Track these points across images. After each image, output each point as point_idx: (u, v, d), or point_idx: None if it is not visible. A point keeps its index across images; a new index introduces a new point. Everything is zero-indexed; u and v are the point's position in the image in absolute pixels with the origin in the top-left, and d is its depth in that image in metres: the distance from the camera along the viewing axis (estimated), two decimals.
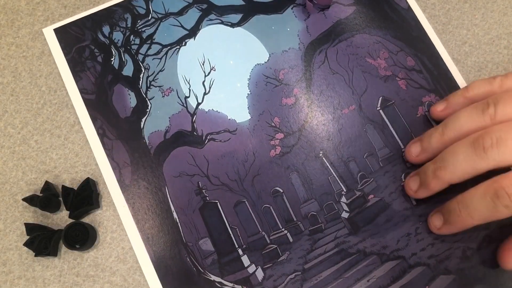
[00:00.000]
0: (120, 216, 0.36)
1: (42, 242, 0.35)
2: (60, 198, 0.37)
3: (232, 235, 0.36)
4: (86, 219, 0.37)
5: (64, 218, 0.37)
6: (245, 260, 0.36)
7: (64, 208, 0.37)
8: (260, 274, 0.36)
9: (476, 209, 0.31)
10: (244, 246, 0.36)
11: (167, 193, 0.37)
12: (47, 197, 0.35)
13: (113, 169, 0.37)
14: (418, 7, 0.42)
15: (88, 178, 0.36)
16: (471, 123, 0.33)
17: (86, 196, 0.36)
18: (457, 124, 0.34)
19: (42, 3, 0.41)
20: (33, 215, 0.36)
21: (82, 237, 0.35)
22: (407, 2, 0.42)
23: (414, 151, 0.37)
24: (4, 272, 0.35)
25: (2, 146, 0.38)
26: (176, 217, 0.36)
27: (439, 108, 0.38)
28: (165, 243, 0.36)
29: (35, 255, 0.35)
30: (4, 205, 0.37)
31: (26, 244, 0.35)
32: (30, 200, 0.36)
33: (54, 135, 0.38)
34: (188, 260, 0.36)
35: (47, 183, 0.36)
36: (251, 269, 0.36)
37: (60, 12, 0.41)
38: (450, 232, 0.35)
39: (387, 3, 0.42)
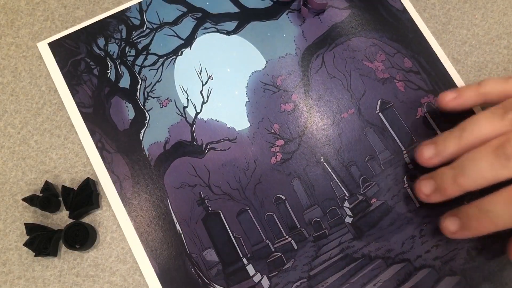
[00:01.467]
0: (122, 229, 0.36)
1: (42, 242, 0.35)
2: (60, 198, 0.37)
3: (236, 244, 0.36)
4: (86, 219, 0.36)
5: (64, 218, 0.37)
6: (250, 269, 0.36)
7: (64, 208, 0.37)
8: (265, 283, 0.35)
9: (499, 216, 0.30)
10: (248, 255, 0.36)
11: (169, 205, 0.37)
12: (47, 197, 0.35)
13: (114, 182, 0.37)
14: (414, 9, 0.42)
15: (88, 178, 0.36)
16: (490, 128, 0.32)
17: (86, 196, 0.36)
18: (475, 128, 0.33)
19: (42, 3, 0.41)
20: (33, 215, 0.36)
21: (82, 237, 0.35)
22: (402, 4, 0.42)
23: (426, 153, 0.35)
24: (4, 272, 0.35)
25: (2, 146, 0.38)
26: (179, 229, 0.36)
27: (449, 97, 0.37)
28: (169, 255, 0.36)
29: (35, 255, 0.35)
30: (4, 205, 0.37)
31: (26, 244, 0.35)
32: (30, 200, 0.36)
33: (54, 135, 0.38)
34: (193, 271, 0.35)
35: (47, 183, 0.36)
36: (257, 278, 0.36)
37: (60, 12, 0.41)
38: (467, 237, 0.34)
39: (382, 5, 0.42)
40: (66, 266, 0.36)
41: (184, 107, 0.39)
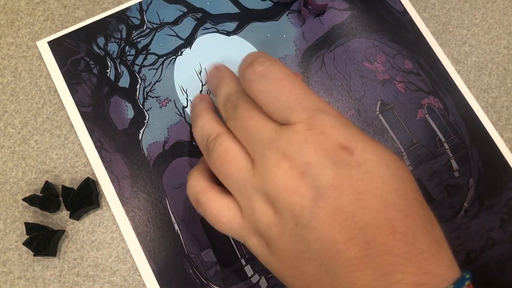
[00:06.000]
0: (120, 230, 0.36)
1: (41, 242, 0.35)
2: (60, 198, 0.37)
3: (234, 245, 0.36)
4: (86, 219, 0.37)
5: (64, 218, 0.37)
6: (248, 270, 0.36)
7: (64, 208, 0.36)
8: (263, 284, 0.35)
9: None
10: (247, 256, 0.36)
11: (168, 205, 0.37)
12: (47, 197, 0.35)
13: (112, 182, 0.37)
14: (414, 9, 0.42)
15: (88, 178, 0.36)
16: None
17: (86, 196, 0.36)
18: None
19: (42, 3, 0.41)
20: (33, 215, 0.36)
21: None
22: (402, 5, 0.42)
23: None
24: (4, 272, 0.35)
25: (2, 146, 0.38)
26: (178, 229, 0.36)
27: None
28: (167, 255, 0.35)
29: (34, 255, 0.35)
30: (4, 205, 0.36)
31: (25, 243, 0.35)
32: (30, 200, 0.36)
33: (54, 135, 0.38)
34: (191, 272, 0.35)
35: (47, 183, 0.36)
36: (255, 279, 0.35)
37: (60, 12, 0.41)
38: None
39: (382, 6, 0.42)
40: (66, 266, 0.36)
41: (184, 107, 0.39)
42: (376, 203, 0.24)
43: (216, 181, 0.31)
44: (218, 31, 0.41)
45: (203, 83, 0.39)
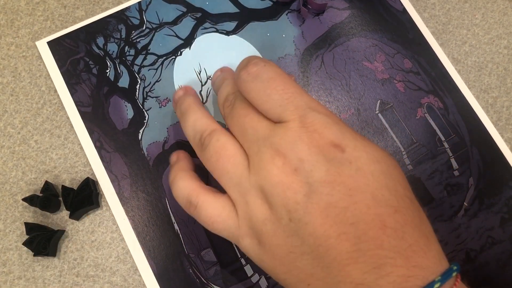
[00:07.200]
0: (120, 230, 0.36)
1: (41, 242, 0.35)
2: (60, 198, 0.37)
3: (234, 244, 0.36)
4: (86, 219, 0.37)
5: (64, 218, 0.37)
6: (248, 269, 0.36)
7: (64, 208, 0.36)
8: (263, 283, 0.35)
9: None
10: (247, 256, 0.36)
11: (167, 205, 0.37)
12: (47, 197, 0.35)
13: (112, 182, 0.37)
14: (413, 9, 0.42)
15: (88, 178, 0.36)
16: None
17: (86, 196, 0.36)
18: None
19: (42, 3, 0.41)
20: (33, 215, 0.36)
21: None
22: (402, 5, 0.42)
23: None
24: (4, 272, 0.35)
25: (2, 146, 0.38)
26: (177, 229, 0.36)
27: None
28: (167, 255, 0.35)
29: (34, 255, 0.35)
30: (4, 205, 0.37)
31: (25, 243, 0.35)
32: (30, 200, 0.36)
33: (54, 135, 0.38)
34: (191, 271, 0.35)
35: (47, 183, 0.36)
36: (255, 278, 0.35)
37: (60, 12, 0.41)
38: None
39: (382, 6, 0.42)
40: (66, 266, 0.36)
41: None
42: (366, 199, 0.24)
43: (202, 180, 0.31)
44: (217, 31, 0.41)
45: (203, 83, 0.39)
